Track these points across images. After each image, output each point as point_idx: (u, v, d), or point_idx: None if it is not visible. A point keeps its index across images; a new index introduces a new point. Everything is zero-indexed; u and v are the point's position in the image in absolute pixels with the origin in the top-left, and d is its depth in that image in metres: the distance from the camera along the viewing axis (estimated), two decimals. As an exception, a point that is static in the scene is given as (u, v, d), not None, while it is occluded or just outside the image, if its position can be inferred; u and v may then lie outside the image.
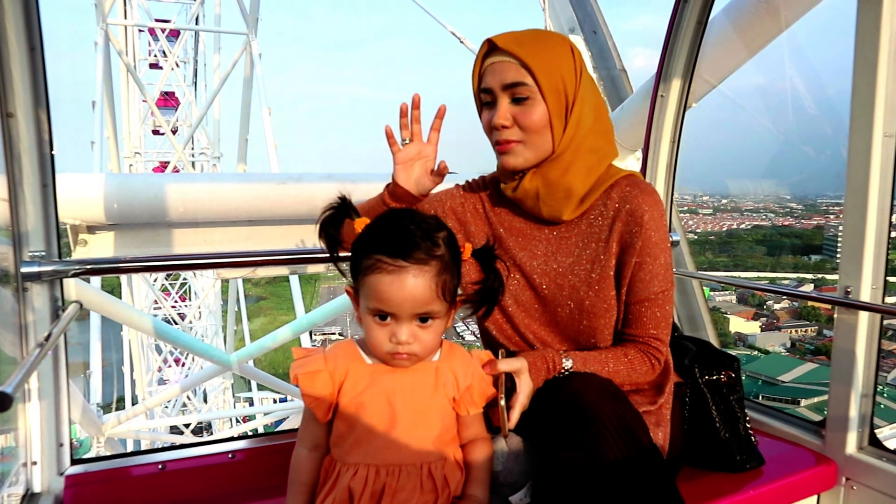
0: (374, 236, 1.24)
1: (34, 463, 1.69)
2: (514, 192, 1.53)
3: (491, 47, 1.45)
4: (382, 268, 1.19)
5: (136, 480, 1.78)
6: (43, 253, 1.69)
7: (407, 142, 1.54)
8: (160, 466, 1.79)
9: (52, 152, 1.69)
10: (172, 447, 1.89)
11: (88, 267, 1.81)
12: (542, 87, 1.41)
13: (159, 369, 18.83)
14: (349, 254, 1.31)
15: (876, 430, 1.89)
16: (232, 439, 1.93)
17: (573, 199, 1.48)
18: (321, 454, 1.31)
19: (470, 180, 1.70)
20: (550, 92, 1.41)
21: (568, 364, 1.45)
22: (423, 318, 1.23)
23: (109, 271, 1.86)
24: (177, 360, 20.37)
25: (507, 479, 1.40)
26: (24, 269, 1.65)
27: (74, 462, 1.77)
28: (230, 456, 1.85)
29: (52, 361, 1.73)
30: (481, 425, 1.38)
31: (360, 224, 1.28)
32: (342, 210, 1.34)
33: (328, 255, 1.38)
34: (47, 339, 1.55)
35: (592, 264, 1.50)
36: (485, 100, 1.48)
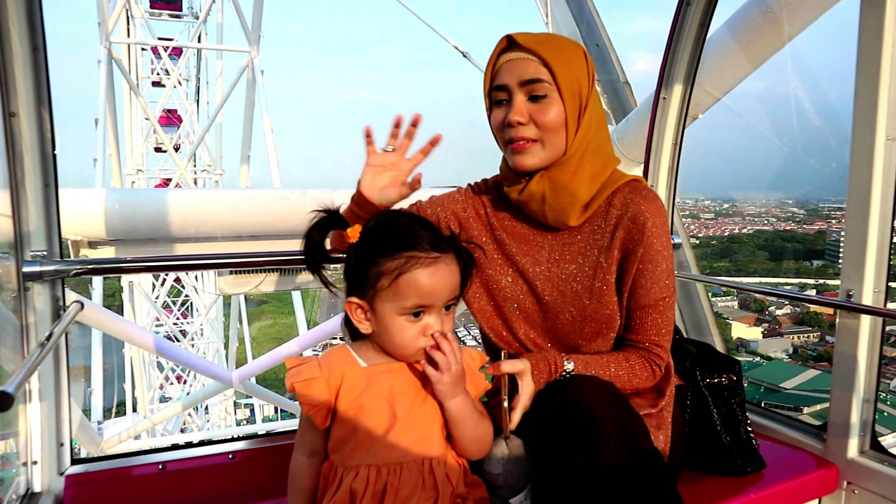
0: (392, 236, 1.23)
1: (34, 462, 1.69)
2: (519, 195, 1.50)
3: (509, 44, 1.44)
4: (419, 262, 1.20)
5: (137, 480, 1.78)
6: (44, 252, 1.69)
7: (390, 150, 1.51)
8: (160, 467, 1.79)
9: (55, 152, 1.69)
10: (173, 447, 1.89)
11: (90, 267, 1.81)
12: (560, 85, 1.40)
13: (161, 387, 18.86)
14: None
15: (879, 439, 1.88)
16: (232, 440, 1.93)
17: (578, 204, 1.47)
18: (320, 460, 1.31)
19: (472, 184, 1.69)
20: (568, 92, 1.41)
21: (569, 367, 1.45)
22: (448, 306, 1.26)
23: (111, 271, 1.86)
24: (178, 378, 20.40)
25: (507, 482, 1.40)
26: (25, 269, 1.65)
27: (75, 462, 1.77)
28: (230, 456, 1.85)
29: (53, 361, 1.73)
30: None
31: (355, 231, 1.26)
32: (332, 220, 1.31)
33: (312, 266, 1.33)
34: (48, 338, 1.55)
35: (595, 271, 1.49)
36: (497, 98, 1.46)
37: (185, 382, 20.29)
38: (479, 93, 1.54)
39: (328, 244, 1.35)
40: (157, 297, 19.69)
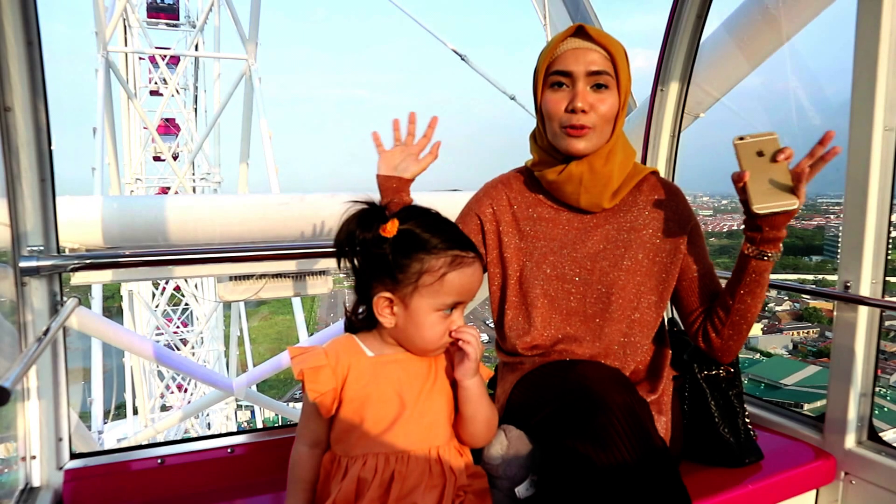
0: (436, 234, 1.23)
1: (33, 457, 1.69)
2: (558, 175, 1.58)
3: (578, 32, 1.52)
4: (463, 262, 1.24)
5: (136, 475, 1.78)
6: (41, 248, 1.69)
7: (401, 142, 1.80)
8: (159, 461, 1.79)
9: (51, 147, 1.69)
10: (172, 442, 1.89)
11: (87, 262, 1.81)
12: (620, 80, 1.51)
13: (161, 395, 18.88)
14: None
15: (879, 434, 1.89)
16: (231, 434, 1.92)
17: (611, 188, 1.57)
18: (322, 450, 1.31)
19: (498, 178, 1.76)
20: (623, 87, 1.53)
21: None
22: None
23: (108, 266, 1.86)
24: (179, 386, 20.40)
25: (506, 473, 1.40)
26: (22, 264, 1.65)
27: (74, 456, 1.77)
28: (229, 451, 1.85)
29: (51, 356, 1.73)
30: None
31: (394, 226, 1.23)
32: (374, 212, 1.25)
33: (347, 258, 1.28)
34: (46, 333, 1.55)
35: (625, 251, 1.58)
36: (556, 80, 1.53)
37: (185, 391, 20.29)
38: (478, 94, 1.62)
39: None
40: (156, 306, 19.72)
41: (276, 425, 2.00)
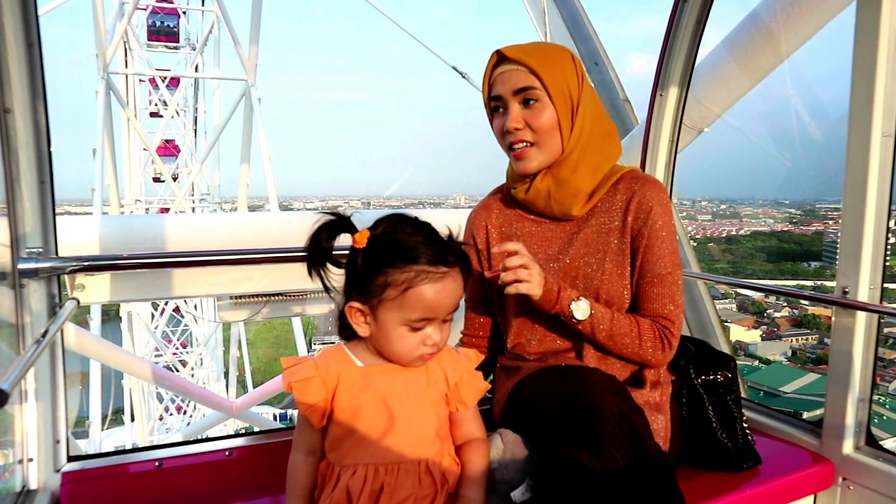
0: (402, 247, 1.20)
1: (31, 460, 1.68)
2: (526, 194, 1.62)
3: (500, 58, 1.54)
4: (428, 277, 1.19)
5: (133, 478, 1.77)
6: (40, 249, 1.69)
7: None
8: (157, 464, 1.78)
9: (50, 149, 1.68)
10: (170, 444, 1.88)
11: (86, 263, 1.81)
12: (549, 90, 1.51)
13: (161, 418, 18.81)
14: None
15: (881, 443, 1.89)
16: (229, 437, 1.92)
17: (581, 195, 1.58)
18: (317, 458, 1.32)
19: (481, 202, 1.80)
20: (557, 95, 1.51)
21: (574, 294, 1.50)
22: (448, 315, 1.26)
23: (107, 268, 1.86)
24: (178, 408, 20.33)
25: (503, 477, 1.40)
26: (21, 266, 1.65)
27: (71, 459, 1.76)
28: (227, 454, 1.85)
29: (49, 358, 1.72)
30: (475, 424, 1.38)
31: (363, 237, 1.22)
32: (341, 223, 1.25)
33: (315, 269, 1.26)
34: (44, 335, 1.55)
35: (605, 254, 1.58)
36: (495, 106, 1.58)
37: (184, 413, 20.20)
38: (476, 96, 1.60)
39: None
40: (156, 328, 19.71)
41: (274, 429, 1.99)
